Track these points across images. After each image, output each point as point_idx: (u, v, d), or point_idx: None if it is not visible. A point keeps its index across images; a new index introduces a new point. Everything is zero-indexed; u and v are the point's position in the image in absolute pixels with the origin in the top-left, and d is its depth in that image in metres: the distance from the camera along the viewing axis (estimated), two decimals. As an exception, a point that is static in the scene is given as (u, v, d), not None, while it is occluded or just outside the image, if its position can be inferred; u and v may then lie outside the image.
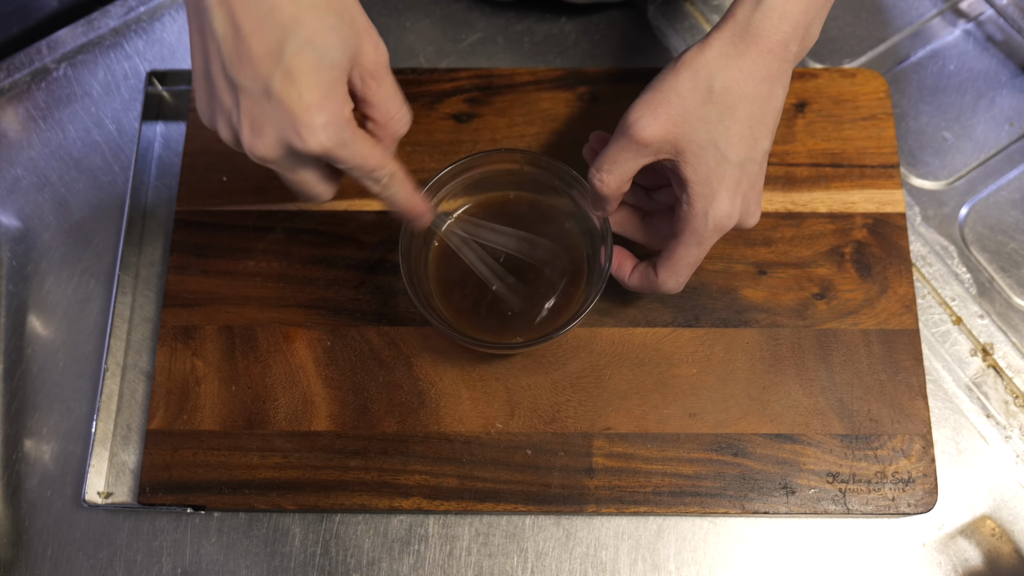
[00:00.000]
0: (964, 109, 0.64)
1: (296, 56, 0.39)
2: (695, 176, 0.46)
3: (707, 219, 0.47)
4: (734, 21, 0.46)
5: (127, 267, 0.59)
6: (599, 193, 0.49)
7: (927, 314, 0.59)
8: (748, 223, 0.49)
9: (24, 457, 0.56)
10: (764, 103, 0.46)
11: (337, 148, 0.41)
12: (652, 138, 0.46)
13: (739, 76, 0.45)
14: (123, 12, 0.67)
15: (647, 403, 0.55)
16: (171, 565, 0.54)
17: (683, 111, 0.45)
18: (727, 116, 0.45)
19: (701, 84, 0.45)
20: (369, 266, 0.58)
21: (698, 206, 0.47)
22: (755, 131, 0.46)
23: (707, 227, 0.47)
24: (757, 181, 0.48)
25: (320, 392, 0.55)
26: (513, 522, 0.54)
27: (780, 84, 0.46)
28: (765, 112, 0.46)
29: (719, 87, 0.45)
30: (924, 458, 0.54)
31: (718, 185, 0.46)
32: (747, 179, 0.47)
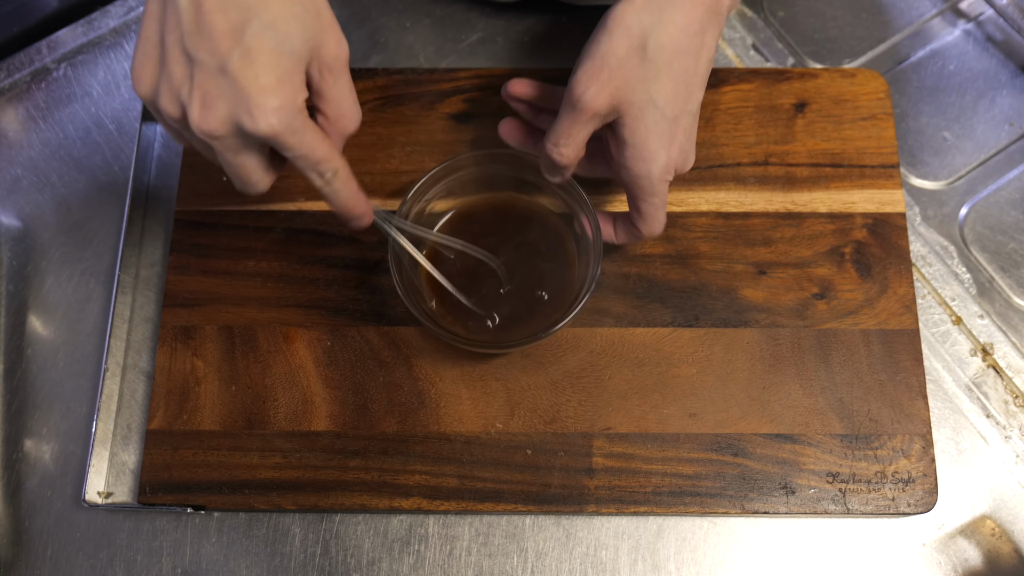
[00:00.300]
0: (964, 109, 0.64)
1: (257, 37, 0.39)
2: (634, 138, 0.47)
3: (650, 177, 0.48)
4: None
5: (127, 267, 0.59)
6: (559, 165, 0.50)
7: (927, 314, 0.59)
8: (685, 168, 0.50)
9: (24, 457, 0.56)
10: (697, 55, 0.46)
11: (286, 133, 0.41)
12: (601, 107, 0.46)
13: (672, 30, 0.45)
14: (123, 12, 0.67)
15: (647, 403, 0.55)
16: (171, 565, 0.54)
17: (623, 73, 0.46)
18: (663, 72, 0.46)
19: (636, 42, 0.45)
20: (369, 266, 0.58)
21: (640, 168, 0.48)
22: (689, 84, 0.47)
23: (652, 183, 0.48)
24: (691, 130, 0.49)
25: (320, 392, 0.55)
26: (513, 522, 0.54)
27: (711, 35, 0.47)
28: (698, 64, 0.47)
29: (653, 44, 0.45)
30: (924, 458, 0.54)
31: (656, 144, 0.47)
32: (682, 131, 0.48)
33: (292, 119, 0.41)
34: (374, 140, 0.61)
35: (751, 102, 0.61)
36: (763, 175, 0.60)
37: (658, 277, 0.57)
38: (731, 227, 0.58)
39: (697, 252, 0.58)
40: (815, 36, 0.67)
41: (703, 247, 0.58)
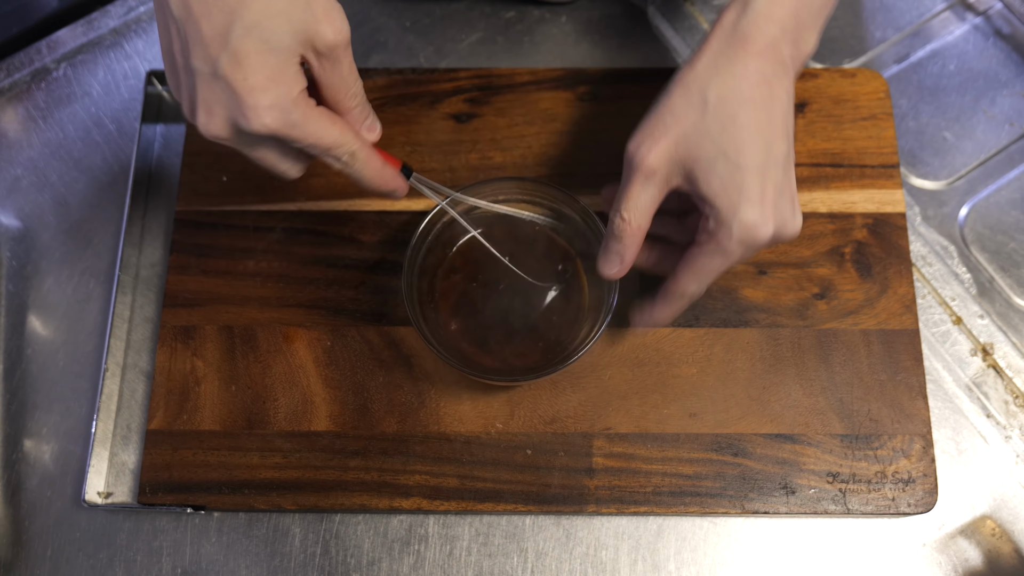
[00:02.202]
0: (964, 109, 0.64)
1: (242, 39, 0.40)
2: (711, 191, 0.44)
3: (732, 233, 0.44)
4: (720, 29, 0.45)
5: (127, 267, 0.59)
6: (622, 234, 0.47)
7: (927, 314, 0.59)
8: (787, 232, 0.46)
9: (24, 457, 0.56)
10: (767, 105, 0.44)
11: (285, 128, 0.42)
12: (656, 163, 0.44)
13: (732, 83, 0.44)
14: (123, 12, 0.67)
15: (647, 403, 0.55)
16: (171, 565, 0.54)
17: (682, 129, 0.44)
18: (729, 124, 0.44)
19: (695, 98, 0.44)
20: (369, 266, 0.58)
21: (723, 221, 0.44)
22: (765, 134, 0.44)
23: (732, 240, 0.44)
24: (784, 187, 0.45)
25: (320, 392, 0.55)
26: (513, 522, 0.54)
27: (780, 86, 0.45)
28: (771, 114, 0.44)
29: (714, 97, 0.44)
30: (924, 458, 0.54)
31: (738, 195, 0.44)
32: (771, 185, 0.44)
33: (287, 114, 0.41)
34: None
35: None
36: (763, 175, 0.60)
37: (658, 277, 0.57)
38: (731, 227, 0.58)
39: (697, 252, 0.58)
40: (815, 36, 0.67)
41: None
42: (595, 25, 0.67)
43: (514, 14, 0.67)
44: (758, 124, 0.44)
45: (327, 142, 0.44)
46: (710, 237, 0.45)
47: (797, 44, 0.46)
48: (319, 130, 0.43)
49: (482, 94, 0.62)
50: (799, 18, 0.45)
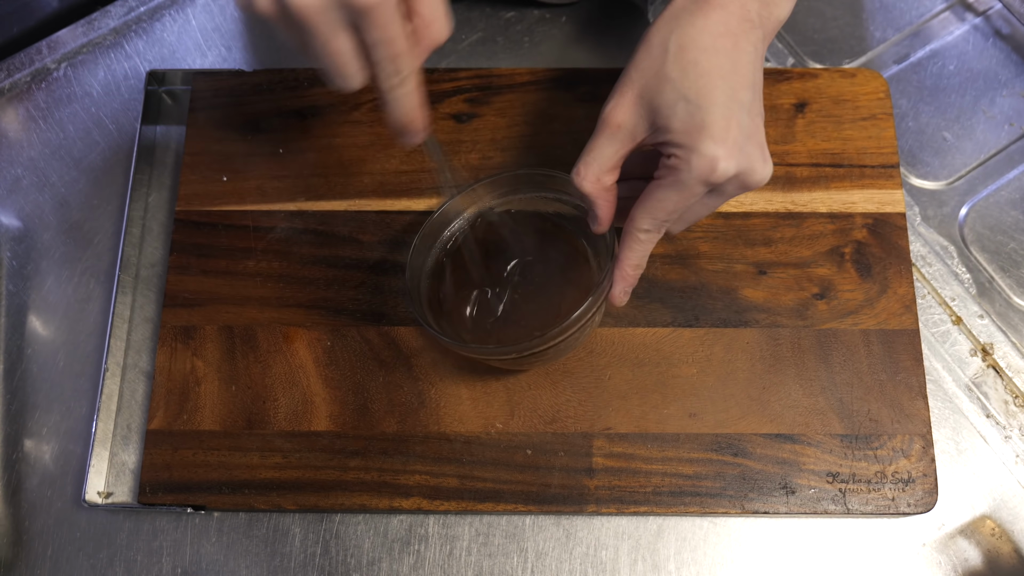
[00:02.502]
0: (964, 109, 0.64)
1: None
2: (671, 134, 0.44)
3: (691, 167, 0.43)
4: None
5: (127, 267, 0.59)
6: (580, 189, 0.47)
7: (927, 314, 0.59)
8: (754, 178, 0.45)
9: (24, 457, 0.56)
10: (730, 55, 0.44)
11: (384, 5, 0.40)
12: (622, 118, 0.45)
13: (692, 32, 0.44)
14: (123, 12, 0.67)
15: (647, 403, 0.55)
16: (171, 565, 0.54)
17: (644, 81, 0.44)
18: (690, 69, 0.43)
19: (656, 50, 0.44)
20: (369, 266, 0.58)
21: (682, 156, 0.44)
22: (728, 81, 0.43)
23: (691, 175, 0.43)
24: (752, 132, 0.44)
25: (320, 392, 0.55)
26: (513, 522, 0.54)
27: (746, 40, 0.44)
28: (735, 63, 0.44)
29: (674, 46, 0.44)
30: (924, 458, 0.54)
31: (697, 134, 0.43)
32: (735, 125, 0.43)
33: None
34: (374, 140, 0.61)
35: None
36: (763, 175, 0.60)
37: (658, 277, 0.57)
38: (731, 227, 0.59)
39: (697, 252, 0.58)
40: (815, 36, 0.67)
41: (703, 247, 0.58)
42: (595, 25, 0.67)
43: (514, 14, 0.67)
44: (720, 71, 0.43)
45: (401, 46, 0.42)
46: (669, 171, 0.44)
47: (767, 4, 0.45)
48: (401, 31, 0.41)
49: (482, 94, 0.62)
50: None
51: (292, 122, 0.61)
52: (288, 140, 0.61)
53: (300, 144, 0.61)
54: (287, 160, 0.60)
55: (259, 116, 0.61)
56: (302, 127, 0.61)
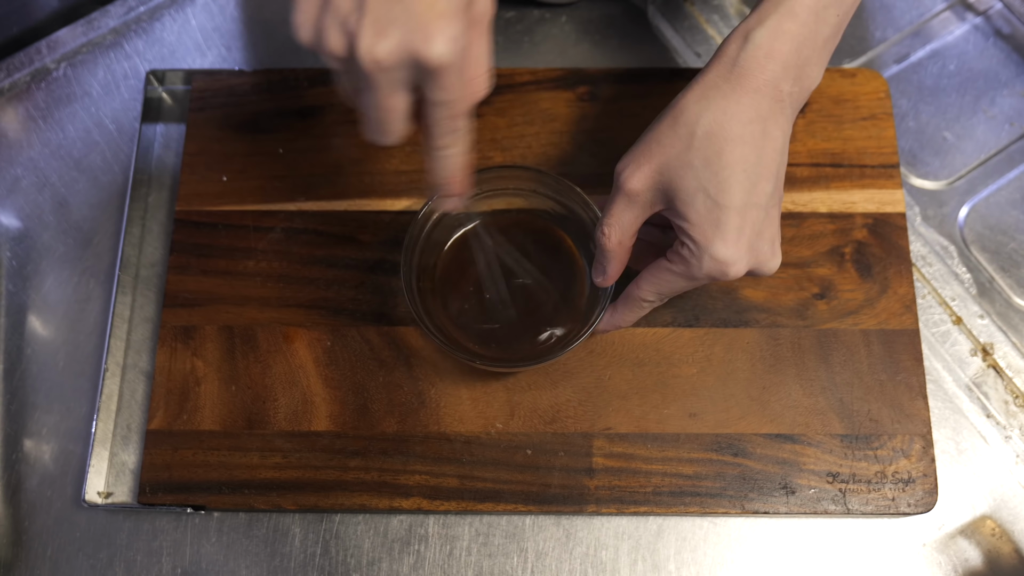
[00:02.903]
0: (964, 109, 0.64)
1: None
2: (688, 225, 0.44)
3: (701, 265, 0.45)
4: (720, 61, 0.44)
5: (127, 267, 0.59)
6: (601, 248, 0.48)
7: (927, 314, 0.59)
8: (762, 271, 0.46)
9: (24, 457, 0.56)
10: (757, 144, 0.43)
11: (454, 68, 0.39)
12: (638, 188, 0.45)
13: (723, 119, 0.43)
14: (123, 12, 0.67)
15: (647, 403, 0.55)
16: (171, 565, 0.54)
17: (665, 159, 0.44)
18: (714, 160, 0.43)
19: (682, 130, 0.44)
20: (369, 266, 0.58)
21: (695, 252, 0.45)
22: (750, 174, 0.43)
23: (701, 272, 0.45)
24: (765, 228, 0.45)
25: (320, 392, 0.55)
26: (513, 522, 0.54)
27: (775, 124, 0.44)
28: (760, 154, 0.44)
29: (701, 131, 0.43)
30: (924, 458, 0.54)
31: (713, 233, 0.44)
32: (750, 225, 0.44)
33: (460, 55, 0.39)
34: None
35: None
36: (763, 175, 0.60)
37: (658, 277, 0.57)
38: (731, 227, 0.58)
39: (697, 252, 0.58)
40: (815, 36, 0.67)
41: (703, 247, 0.58)
42: (595, 25, 0.67)
43: (514, 14, 0.67)
44: (744, 163, 0.43)
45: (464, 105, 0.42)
46: (680, 260, 0.46)
47: (799, 80, 0.45)
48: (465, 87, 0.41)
49: (482, 94, 0.62)
50: (802, 54, 0.44)
51: (292, 122, 0.61)
52: (288, 140, 0.61)
53: (300, 144, 0.61)
54: (287, 160, 0.60)
55: (259, 116, 0.61)
56: (302, 127, 0.61)
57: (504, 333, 0.54)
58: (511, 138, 0.61)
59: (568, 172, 0.60)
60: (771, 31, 0.43)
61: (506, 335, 0.54)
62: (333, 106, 0.61)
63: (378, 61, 0.39)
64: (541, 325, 0.54)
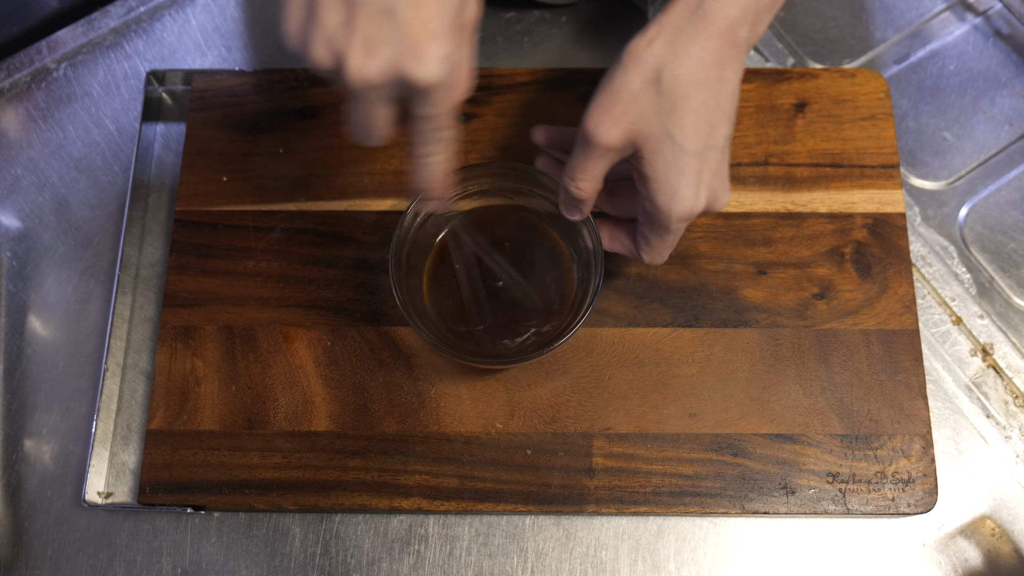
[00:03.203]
0: (964, 109, 0.64)
1: None
2: (653, 172, 0.45)
3: (670, 213, 0.46)
4: (682, 3, 0.45)
5: (127, 267, 0.59)
6: (576, 199, 0.48)
7: (927, 314, 0.59)
8: (717, 207, 0.48)
9: (24, 457, 0.56)
10: (716, 88, 0.45)
11: (444, 87, 0.39)
12: (614, 141, 0.45)
13: (688, 63, 0.44)
14: (123, 12, 0.67)
15: (647, 403, 0.55)
16: (171, 565, 0.54)
17: (637, 107, 0.44)
18: (680, 106, 0.44)
19: (650, 76, 0.44)
20: (369, 266, 0.58)
21: (660, 202, 0.46)
22: (711, 118, 0.45)
23: (671, 219, 0.46)
24: (720, 167, 0.47)
25: (320, 392, 0.55)
26: (513, 522, 0.54)
27: (731, 69, 0.45)
28: (719, 97, 0.45)
29: (668, 76, 0.44)
30: (924, 458, 0.54)
31: (678, 179, 0.45)
32: (708, 167, 0.46)
33: (451, 65, 0.39)
34: (374, 140, 0.61)
35: (751, 102, 0.61)
36: (763, 175, 0.60)
37: (658, 277, 0.57)
38: (731, 227, 0.59)
39: (697, 252, 0.58)
40: (815, 36, 0.67)
41: (703, 247, 0.58)
42: (595, 25, 0.67)
43: (514, 14, 0.67)
44: (706, 107, 0.45)
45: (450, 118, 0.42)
46: (651, 219, 0.47)
47: (754, 27, 0.46)
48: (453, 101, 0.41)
49: (482, 94, 0.62)
50: (760, 2, 0.45)
51: (292, 122, 0.61)
52: (288, 140, 0.61)
53: (300, 144, 0.61)
54: (287, 160, 0.60)
55: (259, 116, 0.61)
56: (302, 127, 0.61)
57: (494, 329, 0.54)
58: (511, 138, 0.61)
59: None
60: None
61: (496, 331, 0.54)
62: (333, 106, 0.61)
63: (367, 80, 0.39)
64: (529, 321, 0.54)
